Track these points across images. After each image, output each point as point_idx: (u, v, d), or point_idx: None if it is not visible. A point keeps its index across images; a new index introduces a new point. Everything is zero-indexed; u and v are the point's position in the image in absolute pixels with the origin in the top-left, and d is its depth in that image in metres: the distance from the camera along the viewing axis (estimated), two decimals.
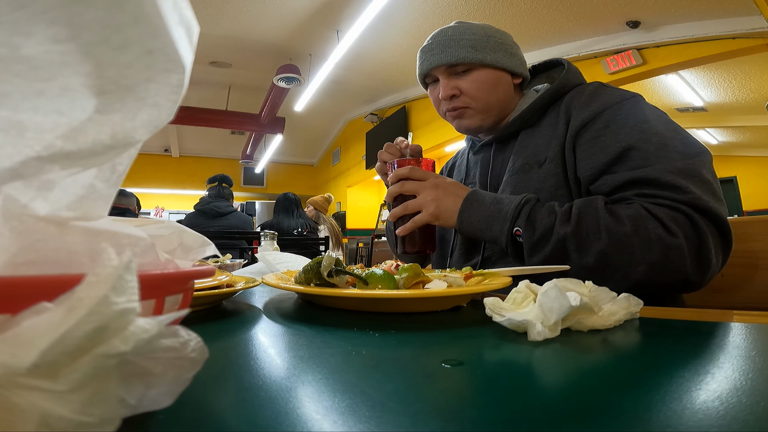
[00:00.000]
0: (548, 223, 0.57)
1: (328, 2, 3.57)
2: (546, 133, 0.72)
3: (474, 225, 0.62)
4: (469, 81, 0.74)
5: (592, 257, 0.54)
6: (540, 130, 0.73)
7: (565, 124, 0.69)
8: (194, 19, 0.17)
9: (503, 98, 0.76)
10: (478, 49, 0.73)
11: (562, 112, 0.70)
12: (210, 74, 4.98)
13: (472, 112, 0.76)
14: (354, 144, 6.89)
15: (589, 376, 0.23)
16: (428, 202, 0.64)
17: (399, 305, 0.41)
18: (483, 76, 0.74)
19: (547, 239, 0.56)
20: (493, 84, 0.74)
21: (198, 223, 2.54)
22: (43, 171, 0.16)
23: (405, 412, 0.17)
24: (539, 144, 0.72)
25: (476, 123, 0.77)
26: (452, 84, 0.74)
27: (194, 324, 0.35)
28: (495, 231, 0.60)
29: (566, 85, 0.73)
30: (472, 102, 0.75)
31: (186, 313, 0.18)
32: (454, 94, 0.75)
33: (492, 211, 0.61)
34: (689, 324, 0.36)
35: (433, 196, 0.64)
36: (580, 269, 0.54)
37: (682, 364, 0.24)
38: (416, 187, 0.65)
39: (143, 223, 0.23)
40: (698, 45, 3.12)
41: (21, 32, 0.14)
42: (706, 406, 0.18)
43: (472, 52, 0.72)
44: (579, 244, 0.55)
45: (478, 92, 0.74)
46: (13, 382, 0.10)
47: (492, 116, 0.77)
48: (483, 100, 0.75)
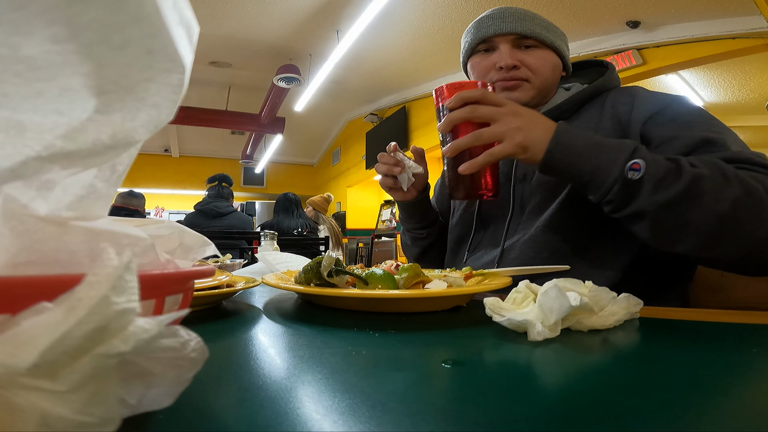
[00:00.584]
0: (673, 162, 0.50)
1: (328, 2, 3.57)
2: (585, 126, 0.70)
3: (573, 152, 0.53)
4: (535, 56, 0.73)
5: (726, 203, 0.47)
6: (578, 123, 0.72)
7: (612, 119, 0.68)
8: (194, 19, 0.17)
9: (555, 84, 0.76)
10: (549, 30, 0.74)
11: (607, 109, 0.69)
12: (210, 74, 4.98)
13: (529, 86, 0.74)
14: (354, 144, 6.88)
15: (589, 376, 0.23)
16: (512, 131, 0.53)
17: (399, 305, 0.41)
18: (548, 55, 0.74)
19: (678, 175, 0.49)
20: (553, 67, 0.74)
21: (198, 223, 2.54)
22: (43, 171, 0.16)
23: (405, 412, 0.17)
24: None
25: (528, 98, 0.74)
26: (517, 55, 0.73)
27: (194, 324, 0.35)
28: (603, 161, 0.51)
29: (607, 85, 0.74)
30: (532, 76, 0.73)
31: (186, 313, 0.18)
32: (516, 65, 0.73)
33: (598, 140, 0.53)
34: (689, 324, 0.36)
35: (517, 123, 0.53)
36: (710, 217, 0.48)
37: (682, 364, 0.24)
38: (493, 112, 0.54)
39: (143, 223, 0.23)
40: (698, 45, 3.12)
41: (21, 32, 0.14)
42: (706, 406, 0.18)
43: (545, 31, 0.73)
44: (714, 187, 0.48)
45: (541, 69, 0.73)
46: (13, 382, 0.10)
47: (542, 97, 0.76)
48: (543, 77, 0.74)
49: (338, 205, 7.37)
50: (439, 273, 0.47)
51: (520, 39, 0.73)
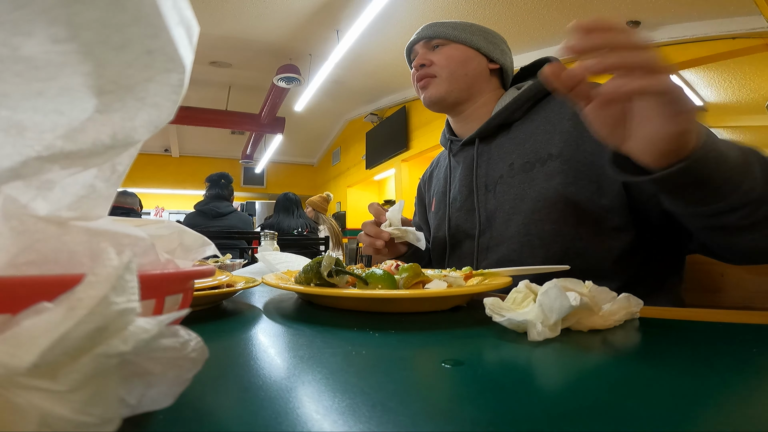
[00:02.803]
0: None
1: (328, 2, 3.57)
2: (544, 127, 0.69)
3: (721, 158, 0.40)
4: (440, 53, 0.77)
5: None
6: (534, 124, 0.71)
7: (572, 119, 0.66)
8: (194, 19, 0.17)
9: (473, 75, 0.77)
10: (455, 29, 0.77)
11: (567, 109, 0.67)
12: (210, 74, 4.98)
13: (438, 80, 0.77)
14: (354, 144, 6.88)
15: (589, 376, 0.23)
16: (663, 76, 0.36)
17: (399, 305, 0.41)
18: (454, 50, 0.76)
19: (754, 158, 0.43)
20: (462, 59, 0.76)
21: (198, 223, 2.54)
22: (43, 171, 0.16)
23: (405, 412, 0.17)
24: (538, 139, 0.69)
25: (440, 92, 0.77)
26: (425, 56, 0.78)
27: (194, 324, 0.35)
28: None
29: None
30: (438, 70, 0.76)
31: (186, 313, 0.18)
32: (423, 63, 0.77)
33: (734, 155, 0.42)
34: (689, 324, 0.36)
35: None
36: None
37: (682, 364, 0.24)
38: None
39: (143, 223, 0.23)
40: (698, 45, 3.12)
41: (21, 32, 0.14)
42: (705, 406, 0.18)
43: (450, 29, 0.77)
44: None
45: (446, 62, 0.76)
46: (13, 382, 0.10)
47: (457, 90, 0.76)
48: (449, 70, 0.76)
49: (338, 205, 7.37)
50: (439, 273, 0.47)
51: (428, 42, 0.79)
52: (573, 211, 0.63)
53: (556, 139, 0.67)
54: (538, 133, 0.70)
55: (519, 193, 0.68)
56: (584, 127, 0.61)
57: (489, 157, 0.76)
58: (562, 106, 0.69)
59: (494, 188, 0.73)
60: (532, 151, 0.69)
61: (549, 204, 0.64)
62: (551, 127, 0.68)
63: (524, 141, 0.71)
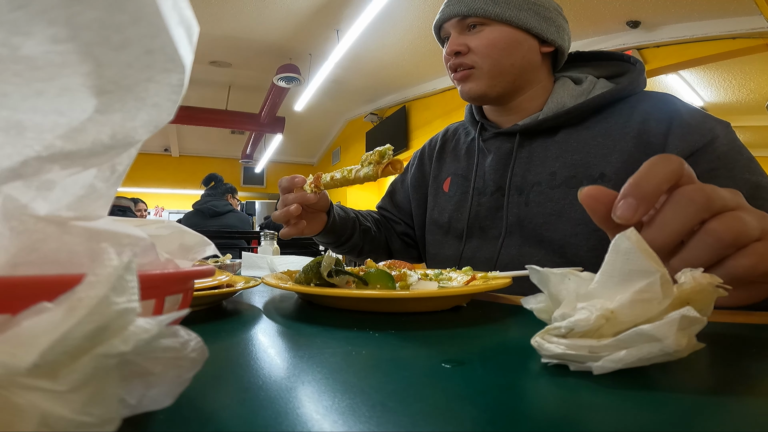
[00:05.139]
0: None
1: (328, 2, 3.57)
2: (601, 141, 0.59)
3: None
4: (479, 37, 0.61)
5: None
6: (590, 134, 0.60)
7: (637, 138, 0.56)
8: (194, 19, 0.17)
9: (521, 65, 0.62)
10: (497, 3, 0.60)
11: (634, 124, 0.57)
12: (210, 74, 4.98)
13: (479, 74, 0.62)
14: (354, 144, 6.88)
15: (589, 375, 0.23)
16: None
17: (399, 305, 0.41)
18: (497, 33, 0.61)
19: None
20: (507, 44, 0.61)
21: (195, 222, 2.54)
22: (43, 171, 0.16)
23: (405, 412, 0.17)
24: (591, 153, 0.59)
25: (481, 88, 0.63)
26: (460, 40, 0.62)
27: (194, 324, 0.35)
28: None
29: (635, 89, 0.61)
30: (479, 61, 0.61)
31: (186, 313, 0.18)
32: (458, 50, 0.61)
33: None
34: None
35: None
36: None
37: (682, 363, 0.24)
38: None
39: (143, 223, 0.23)
40: (698, 45, 3.12)
41: (21, 32, 0.14)
42: (705, 406, 0.18)
43: (490, 4, 0.60)
44: None
45: (487, 50, 0.61)
46: (13, 382, 0.10)
47: (502, 83, 0.63)
48: (492, 60, 0.61)
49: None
50: (439, 273, 0.47)
51: (462, 20, 0.62)
52: None
53: (613, 157, 0.57)
54: (593, 145, 0.59)
55: (557, 209, 0.59)
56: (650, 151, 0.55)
57: (529, 157, 0.64)
58: (628, 120, 0.59)
59: (527, 194, 0.63)
60: (582, 164, 0.59)
61: (590, 230, 0.56)
62: (611, 142, 0.58)
63: (573, 150, 0.60)
